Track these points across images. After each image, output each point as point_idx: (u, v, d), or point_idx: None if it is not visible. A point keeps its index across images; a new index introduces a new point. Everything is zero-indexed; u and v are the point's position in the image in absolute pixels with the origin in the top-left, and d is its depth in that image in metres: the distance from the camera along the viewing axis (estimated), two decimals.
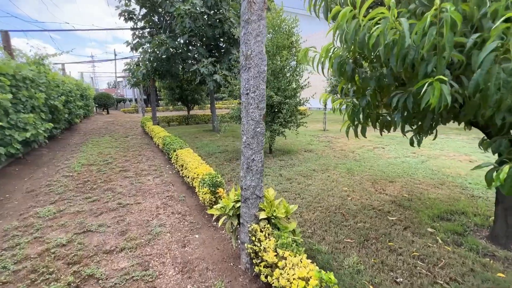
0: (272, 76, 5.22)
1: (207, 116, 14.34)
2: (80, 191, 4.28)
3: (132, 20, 9.22)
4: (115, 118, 17.56)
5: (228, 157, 6.26)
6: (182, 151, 4.86)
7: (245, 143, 2.21)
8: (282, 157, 6.06)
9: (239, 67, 2.00)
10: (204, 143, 8.08)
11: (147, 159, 6.41)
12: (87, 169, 5.54)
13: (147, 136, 9.86)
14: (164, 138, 6.43)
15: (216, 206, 2.47)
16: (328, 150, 6.84)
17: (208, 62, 6.76)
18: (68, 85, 10.91)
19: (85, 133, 10.85)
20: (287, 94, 5.27)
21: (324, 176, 4.70)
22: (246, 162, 2.23)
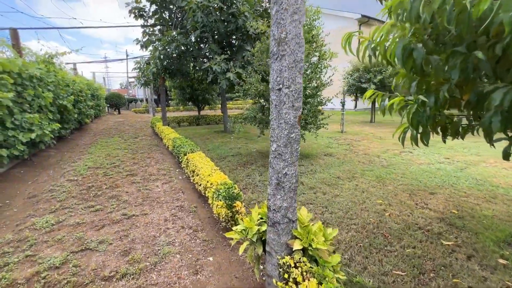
0: None
1: (218, 116, 13.97)
2: (83, 198, 3.92)
3: (143, 17, 8.93)
4: (125, 118, 17.48)
5: (242, 161, 5.81)
6: (193, 155, 4.44)
7: (275, 153, 1.74)
8: (301, 162, 5.55)
9: (270, 55, 1.50)
10: (216, 145, 7.67)
11: (156, 162, 6.04)
12: (93, 172, 5.22)
13: (156, 137, 9.56)
14: (174, 140, 6.05)
15: (236, 228, 2.01)
16: (351, 154, 6.28)
17: (220, 59, 6.35)
18: (79, 84, 10.76)
19: (95, 133, 10.67)
20: (307, 93, 4.77)
21: (351, 185, 4.17)
22: (276, 177, 1.76)
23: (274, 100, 1.69)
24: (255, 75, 5.19)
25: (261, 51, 5.00)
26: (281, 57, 1.60)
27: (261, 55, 5.07)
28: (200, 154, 4.54)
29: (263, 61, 5.05)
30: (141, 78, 9.57)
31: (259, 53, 5.04)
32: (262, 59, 5.07)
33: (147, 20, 9.04)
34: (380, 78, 11.18)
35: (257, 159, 5.88)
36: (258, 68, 5.21)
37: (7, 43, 6.59)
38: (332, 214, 3.19)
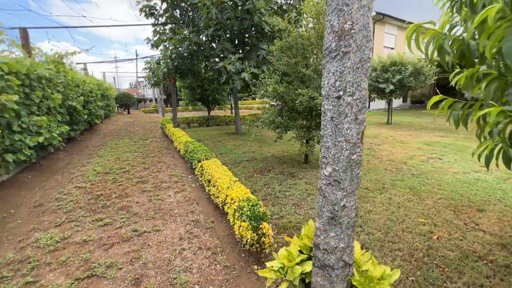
0: (315, 74, 4.33)
1: (228, 117, 13.65)
2: (91, 209, 3.63)
3: (153, 16, 8.66)
4: (135, 118, 17.38)
5: (258, 167, 5.44)
6: (208, 163, 4.09)
7: (329, 178, 1.36)
8: None
9: (324, 53, 1.07)
10: (228, 149, 7.33)
11: (167, 167, 5.74)
12: (102, 178, 4.95)
13: (167, 138, 9.30)
14: (186, 144, 5.73)
15: (271, 265, 1.64)
16: (374, 161, 5.83)
17: (235, 58, 6.00)
18: (89, 85, 10.62)
19: (105, 134, 10.50)
20: None
21: (383, 198, 3.74)
22: (330, 209, 1.38)
23: (329, 110, 1.31)
24: (274, 75, 4.81)
25: (281, 49, 4.62)
26: (342, 55, 1.21)
27: (281, 54, 4.68)
28: (216, 161, 4.20)
29: (283, 61, 4.66)
30: (152, 78, 9.32)
31: (280, 51, 4.65)
32: (281, 58, 4.68)
33: (158, 19, 8.77)
34: (399, 78, 10.62)
35: (274, 165, 5.50)
36: (278, 68, 4.83)
37: (16, 43, 6.42)
38: (369, 236, 2.79)
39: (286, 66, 4.63)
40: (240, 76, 6.09)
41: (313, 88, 4.39)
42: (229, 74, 6.23)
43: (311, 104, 4.44)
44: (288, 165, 5.52)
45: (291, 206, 3.60)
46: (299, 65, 4.49)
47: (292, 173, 4.92)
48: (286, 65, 4.60)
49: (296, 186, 4.26)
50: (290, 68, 4.68)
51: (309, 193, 3.99)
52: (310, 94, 4.24)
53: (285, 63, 4.58)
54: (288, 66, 4.65)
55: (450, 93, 11.26)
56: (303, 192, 4.04)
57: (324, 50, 1.32)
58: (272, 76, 4.81)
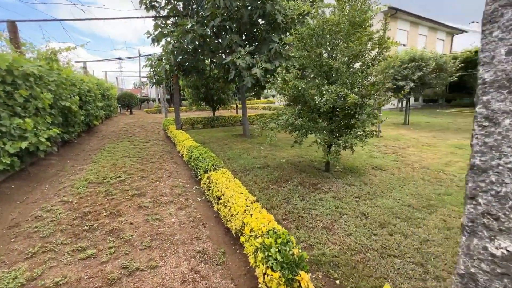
0: (345, 66, 3.59)
1: (234, 118, 12.95)
2: (73, 234, 2.95)
3: (154, 8, 7.99)
4: (137, 119, 16.80)
5: (273, 176, 4.72)
6: (216, 175, 3.39)
7: None
8: (349, 179, 4.41)
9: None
10: (236, 153, 6.62)
11: (168, 175, 5.05)
12: (94, 190, 4.27)
13: (169, 141, 8.63)
14: (190, 149, 5.04)
15: None
16: (406, 168, 5.06)
17: (245, 52, 5.29)
18: (87, 84, 10.02)
19: (104, 136, 9.88)
20: (364, 92, 3.62)
21: (437, 221, 2.99)
22: None
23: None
24: (293, 69, 4.09)
25: (302, 38, 3.88)
26: None
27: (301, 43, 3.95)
28: (226, 173, 3.49)
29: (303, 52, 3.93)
30: (153, 76, 8.66)
31: (300, 40, 3.91)
32: (302, 48, 3.95)
33: (159, 12, 8.11)
34: (419, 75, 9.80)
35: (291, 174, 4.77)
36: (297, 61, 4.10)
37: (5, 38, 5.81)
38: (439, 283, 2.05)
39: (307, 58, 3.91)
40: (250, 72, 5.38)
41: (341, 84, 3.65)
42: (238, 70, 5.52)
43: (337, 103, 3.70)
44: (307, 173, 4.79)
45: (321, 230, 2.88)
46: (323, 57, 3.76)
47: (315, 185, 4.19)
48: (308, 57, 3.87)
49: (322, 202, 3.52)
50: (312, 60, 3.96)
51: (340, 212, 3.25)
52: (338, 91, 3.50)
53: (306, 55, 3.85)
54: (309, 58, 3.93)
55: (463, 91, 10.41)
56: (333, 210, 3.30)
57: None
58: (291, 70, 4.08)
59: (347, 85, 3.64)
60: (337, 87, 3.52)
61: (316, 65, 3.91)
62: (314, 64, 3.89)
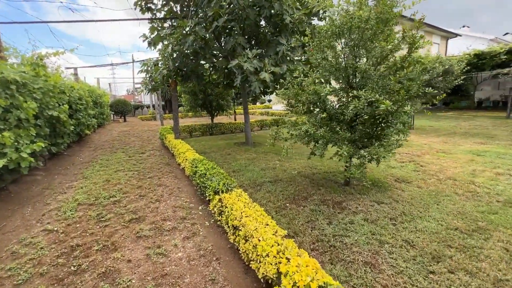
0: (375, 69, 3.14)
1: (233, 124, 12.44)
2: (56, 279, 2.37)
3: (151, 10, 7.50)
4: (131, 127, 16.13)
5: (288, 192, 4.21)
6: (231, 198, 2.85)
7: None
8: (375, 195, 3.92)
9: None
10: (242, 164, 6.09)
11: (169, 192, 4.49)
12: (84, 214, 3.68)
13: (167, 151, 8.05)
14: (194, 163, 4.50)
15: None
16: (431, 179, 4.62)
17: (252, 55, 4.82)
18: (78, 91, 9.41)
19: (96, 146, 9.24)
20: (397, 97, 3.17)
21: (498, 250, 2.52)
22: None
23: None
24: (312, 73, 3.62)
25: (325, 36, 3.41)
26: None
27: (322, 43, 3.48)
28: (241, 195, 2.96)
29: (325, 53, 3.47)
30: (148, 82, 8.11)
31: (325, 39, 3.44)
32: (324, 49, 3.48)
33: (155, 14, 7.61)
34: (426, 78, 9.50)
35: (308, 189, 4.27)
36: (314, 63, 3.63)
37: None
38: None
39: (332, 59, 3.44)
40: (258, 76, 4.89)
41: (371, 89, 3.20)
42: (245, 74, 5.04)
43: (364, 111, 3.24)
44: (326, 189, 4.29)
45: (363, 266, 2.37)
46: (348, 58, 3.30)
47: (339, 203, 3.69)
48: (335, 58, 3.40)
49: (354, 227, 3.02)
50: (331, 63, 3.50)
51: (379, 240, 2.75)
52: (370, 98, 3.04)
53: (333, 55, 3.38)
54: (328, 60, 3.46)
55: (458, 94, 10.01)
56: (369, 237, 2.80)
57: None
58: (309, 74, 3.61)
59: (377, 90, 3.19)
60: (367, 92, 3.06)
61: (337, 68, 3.45)
62: (335, 67, 3.43)
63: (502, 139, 8.10)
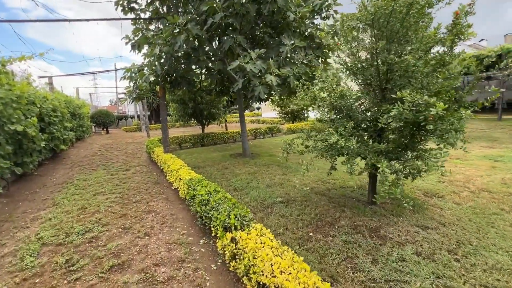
0: (420, 64, 2.54)
1: (226, 134, 11.68)
2: None
3: (134, 11, 6.74)
4: (114, 139, 14.98)
5: (307, 216, 3.50)
6: (250, 239, 2.10)
7: None
8: (412, 216, 3.29)
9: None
10: (243, 180, 5.34)
11: (161, 221, 3.66)
12: (48, 261, 2.80)
13: (155, 166, 7.17)
14: (191, 184, 3.71)
15: None
16: (463, 192, 4.07)
17: (255, 55, 4.15)
18: (52, 102, 8.40)
19: (73, 164, 8.18)
20: (445, 99, 2.58)
21: None
22: None
23: None
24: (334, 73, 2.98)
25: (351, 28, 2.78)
26: None
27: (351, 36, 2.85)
28: (263, 232, 2.21)
29: (356, 48, 2.84)
30: (133, 91, 7.26)
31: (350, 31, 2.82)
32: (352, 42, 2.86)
33: (139, 15, 6.86)
34: None
35: (331, 212, 3.58)
36: (353, 61, 2.98)
37: None
38: None
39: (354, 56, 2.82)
40: (263, 79, 4.22)
41: (415, 89, 2.59)
42: (247, 78, 4.36)
43: (405, 117, 2.62)
44: (350, 209, 3.62)
45: None
46: (384, 53, 2.69)
47: (375, 230, 3.01)
48: (370, 51, 2.76)
49: (408, 265, 2.34)
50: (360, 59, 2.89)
51: (451, 287, 2.07)
52: (416, 100, 2.42)
53: (367, 46, 2.74)
54: (363, 56, 2.85)
55: None
56: (435, 282, 2.12)
57: None
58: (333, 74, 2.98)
59: (422, 90, 2.60)
60: (412, 94, 2.44)
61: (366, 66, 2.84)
62: (368, 64, 2.82)
63: (508, 142, 7.82)
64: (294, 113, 14.90)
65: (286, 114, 15.05)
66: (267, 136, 13.11)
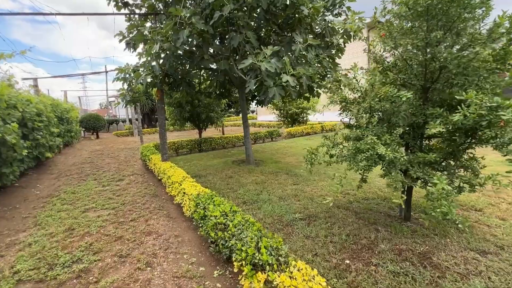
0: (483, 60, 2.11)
1: (225, 139, 11.14)
2: None
3: (128, 6, 6.18)
4: (105, 145, 14.20)
5: (338, 238, 3.01)
6: (294, 286, 1.58)
7: None
8: (462, 237, 2.84)
9: None
10: (252, 191, 4.82)
11: (165, 247, 3.10)
12: None
13: (151, 175, 6.57)
14: (200, 201, 3.16)
15: None
16: (503, 204, 3.67)
17: (270, 51, 3.66)
18: (37, 105, 7.70)
19: (60, 173, 7.48)
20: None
21: None
22: None
23: None
24: (374, 69, 2.52)
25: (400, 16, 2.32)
26: None
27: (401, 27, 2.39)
28: (308, 273, 1.70)
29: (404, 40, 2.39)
30: (126, 93, 6.66)
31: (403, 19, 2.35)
32: (405, 34, 2.40)
33: (133, 11, 6.30)
34: None
35: (364, 231, 3.10)
36: (409, 55, 2.50)
37: None
38: None
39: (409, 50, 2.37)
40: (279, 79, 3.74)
41: (478, 89, 2.17)
42: (259, 78, 3.87)
43: (469, 122, 2.18)
44: (385, 228, 3.15)
45: None
46: (437, 47, 2.25)
47: (424, 256, 2.55)
48: (419, 44, 2.30)
49: None
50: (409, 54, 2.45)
51: None
52: (484, 102, 1.98)
53: (416, 38, 2.28)
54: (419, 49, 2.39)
55: None
56: None
57: None
58: (373, 71, 2.52)
59: (486, 90, 2.17)
60: (478, 95, 2.00)
61: (418, 62, 2.39)
62: (417, 61, 2.37)
63: None
64: (294, 116, 14.48)
65: (286, 117, 14.60)
66: (266, 141, 12.63)
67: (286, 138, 13.08)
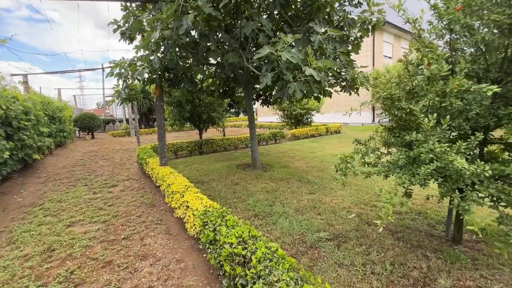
0: None
1: (227, 141, 10.54)
2: None
3: None
4: (100, 145, 13.52)
5: (381, 267, 2.43)
6: None
7: None
8: None
9: None
10: (262, 201, 4.23)
11: (165, 277, 2.50)
12: None
13: (147, 180, 5.95)
14: (209, 220, 2.57)
15: None
16: None
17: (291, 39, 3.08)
18: (24, 103, 7.06)
19: (48, 177, 6.83)
20: None
21: None
22: None
23: None
24: (439, 58, 1.96)
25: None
26: None
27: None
28: None
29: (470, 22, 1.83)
30: (122, 90, 6.03)
31: None
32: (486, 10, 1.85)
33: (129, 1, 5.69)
34: None
35: (410, 259, 2.52)
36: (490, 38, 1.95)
37: None
38: None
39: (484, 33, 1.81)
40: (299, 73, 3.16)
41: None
42: (277, 71, 3.29)
43: None
44: (432, 252, 2.58)
45: None
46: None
47: None
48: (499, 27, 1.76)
49: None
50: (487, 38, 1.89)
51: None
52: None
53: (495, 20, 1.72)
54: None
55: None
56: None
57: None
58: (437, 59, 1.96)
59: None
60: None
61: (496, 47, 1.84)
62: (498, 44, 1.82)
63: None
64: (298, 117, 13.91)
65: (289, 118, 14.02)
66: (270, 143, 12.04)
67: (290, 140, 12.51)
